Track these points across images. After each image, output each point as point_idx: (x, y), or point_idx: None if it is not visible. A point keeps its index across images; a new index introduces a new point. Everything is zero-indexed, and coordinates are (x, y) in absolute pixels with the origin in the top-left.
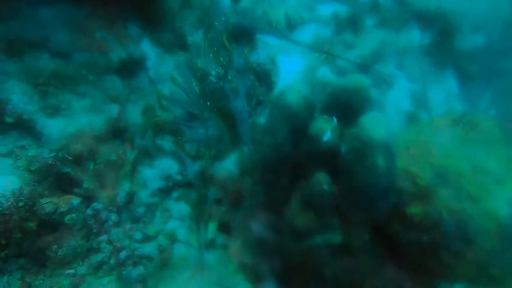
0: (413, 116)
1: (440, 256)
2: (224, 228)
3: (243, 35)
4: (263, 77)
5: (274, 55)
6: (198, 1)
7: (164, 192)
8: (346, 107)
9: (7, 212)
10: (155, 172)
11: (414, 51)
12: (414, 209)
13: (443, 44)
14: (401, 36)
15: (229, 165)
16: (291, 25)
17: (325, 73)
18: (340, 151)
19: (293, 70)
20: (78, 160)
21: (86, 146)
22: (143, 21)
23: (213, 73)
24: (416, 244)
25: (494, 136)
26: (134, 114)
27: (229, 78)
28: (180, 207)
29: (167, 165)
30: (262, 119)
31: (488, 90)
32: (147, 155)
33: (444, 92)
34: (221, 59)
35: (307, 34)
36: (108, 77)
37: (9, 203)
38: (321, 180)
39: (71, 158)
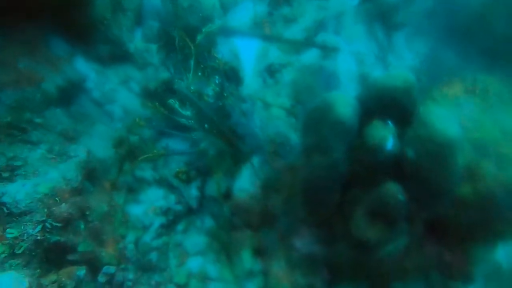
0: (366, 77)
1: (490, 227)
2: (256, 252)
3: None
4: (231, 74)
5: (235, 48)
6: (129, 1)
7: (167, 227)
8: (395, 108)
9: None
10: (145, 208)
11: (348, 13)
12: (465, 190)
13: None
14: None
15: (244, 185)
16: (225, 8)
17: (275, 54)
18: (405, 156)
19: (251, 57)
20: (66, 224)
21: (73, 204)
22: (70, 36)
23: (210, 93)
24: (467, 222)
25: (505, 96)
26: (95, 149)
27: (225, 95)
28: (193, 240)
29: (154, 196)
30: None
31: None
32: (130, 191)
33: (378, 47)
34: (216, 76)
35: (244, 13)
36: (48, 112)
37: None
38: (393, 190)
39: (60, 224)
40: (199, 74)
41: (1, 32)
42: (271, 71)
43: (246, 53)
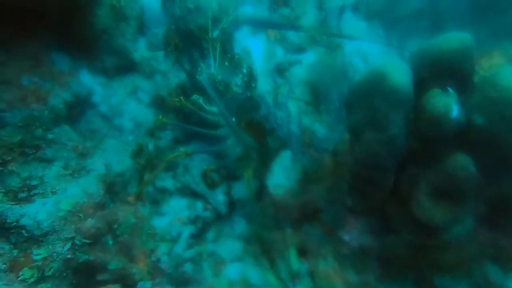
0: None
1: None
2: (300, 251)
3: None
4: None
5: (247, 46)
6: (131, 10)
7: (197, 237)
8: (453, 73)
9: None
10: (170, 220)
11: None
12: None
13: None
14: None
15: (279, 180)
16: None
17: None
18: (472, 123)
19: (258, 58)
20: (95, 240)
21: (100, 218)
22: (73, 49)
23: (239, 83)
24: None
25: None
26: (110, 163)
27: (253, 86)
28: (227, 247)
29: (177, 207)
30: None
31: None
32: (153, 203)
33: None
34: (244, 65)
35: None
36: (57, 129)
37: None
38: (463, 162)
39: (89, 241)
40: (226, 64)
41: (1, 47)
42: (279, 70)
43: (253, 54)
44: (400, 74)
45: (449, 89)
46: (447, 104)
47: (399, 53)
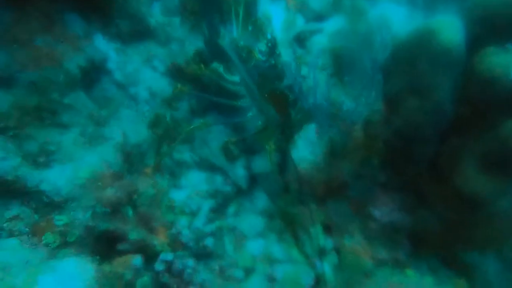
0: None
1: None
2: (326, 227)
3: None
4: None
5: (267, 12)
6: None
7: (217, 211)
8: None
9: None
10: (188, 193)
11: None
12: None
13: None
14: None
15: (302, 154)
16: None
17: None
18: None
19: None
20: (115, 209)
21: (120, 188)
22: (86, 12)
23: (263, 49)
24: None
25: None
26: (127, 133)
27: (277, 53)
28: (249, 222)
29: (196, 180)
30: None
31: None
32: (170, 175)
33: None
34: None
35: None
36: (73, 95)
37: None
38: None
39: (109, 210)
40: (249, 28)
41: (13, 5)
42: (300, 40)
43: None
44: (452, 32)
45: (509, 46)
46: (507, 63)
47: (427, 17)
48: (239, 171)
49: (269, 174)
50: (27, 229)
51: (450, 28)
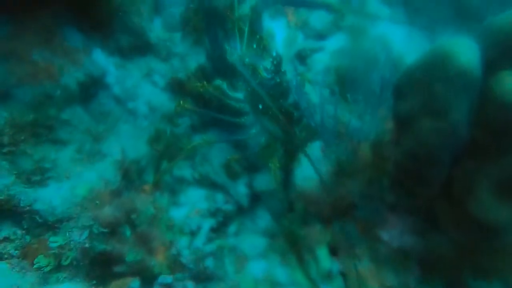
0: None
1: None
2: (332, 250)
3: None
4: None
5: (270, 29)
6: None
7: (218, 231)
8: None
9: None
10: (188, 211)
11: None
12: None
13: None
14: None
15: (307, 173)
16: None
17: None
18: None
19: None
20: (112, 229)
21: (118, 207)
22: (85, 25)
23: (269, 67)
24: None
25: None
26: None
27: (283, 71)
28: (250, 242)
29: (195, 197)
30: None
31: None
32: (170, 192)
33: None
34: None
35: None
36: (70, 110)
37: None
38: None
39: (106, 230)
40: (254, 46)
41: (12, 19)
42: (301, 57)
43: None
44: (469, 54)
45: None
46: None
47: (426, 36)
48: (240, 189)
49: (272, 192)
50: (16, 251)
51: (467, 50)
